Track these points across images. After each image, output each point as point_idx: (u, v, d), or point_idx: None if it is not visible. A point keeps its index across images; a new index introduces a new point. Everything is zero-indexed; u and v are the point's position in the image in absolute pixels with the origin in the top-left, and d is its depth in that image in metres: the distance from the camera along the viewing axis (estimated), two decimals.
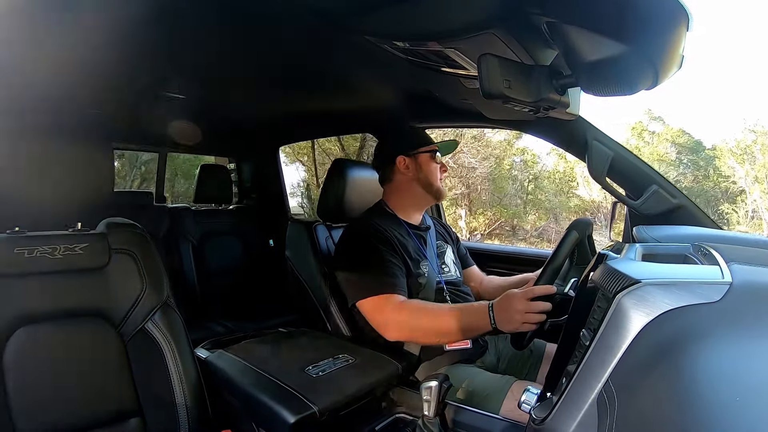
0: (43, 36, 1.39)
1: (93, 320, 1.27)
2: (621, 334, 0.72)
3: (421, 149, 1.86)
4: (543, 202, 15.09)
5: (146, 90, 2.11)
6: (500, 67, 1.02)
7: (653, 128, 15.06)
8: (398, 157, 1.87)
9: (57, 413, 1.18)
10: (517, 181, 15.07)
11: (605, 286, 0.82)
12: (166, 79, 2.00)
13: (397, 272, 1.64)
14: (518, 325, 1.35)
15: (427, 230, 1.94)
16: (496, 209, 14.21)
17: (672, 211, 1.64)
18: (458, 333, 1.48)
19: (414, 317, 1.53)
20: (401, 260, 1.70)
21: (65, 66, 1.62)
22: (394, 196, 1.92)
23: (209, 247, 3.33)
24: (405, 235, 1.81)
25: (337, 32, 1.36)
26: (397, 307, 1.55)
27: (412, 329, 1.54)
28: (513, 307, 1.36)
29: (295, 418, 1.18)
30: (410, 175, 1.87)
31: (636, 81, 0.97)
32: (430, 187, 1.86)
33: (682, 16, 0.86)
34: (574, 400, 0.76)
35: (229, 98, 2.39)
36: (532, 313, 1.33)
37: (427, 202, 1.93)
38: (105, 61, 1.62)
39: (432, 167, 1.86)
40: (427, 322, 1.52)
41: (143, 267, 1.34)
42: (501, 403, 1.45)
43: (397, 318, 1.54)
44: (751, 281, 0.77)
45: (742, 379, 0.62)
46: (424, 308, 1.55)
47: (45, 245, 1.23)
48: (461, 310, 1.49)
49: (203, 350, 1.57)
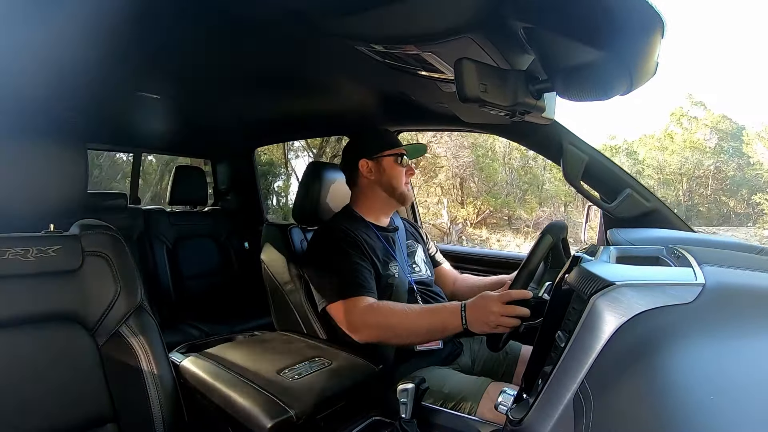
0: (15, 35, 1.37)
1: (66, 324, 1.24)
2: (596, 335, 0.73)
3: (384, 153, 1.85)
4: (547, 188, 14.67)
5: (121, 90, 2.09)
6: (477, 72, 1.03)
7: (694, 113, 14.53)
8: (361, 160, 1.87)
9: (31, 419, 1.15)
10: (512, 168, 14.67)
11: (580, 288, 0.84)
12: (141, 79, 1.97)
13: (365, 275, 1.64)
14: (491, 328, 1.36)
15: (395, 231, 1.94)
16: (484, 199, 13.94)
17: (646, 215, 1.67)
18: (428, 333, 1.49)
19: (383, 318, 1.53)
20: (370, 263, 1.70)
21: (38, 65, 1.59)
22: (359, 200, 1.92)
23: (184, 249, 3.29)
24: (373, 238, 1.81)
25: (314, 34, 1.36)
26: (366, 309, 1.55)
27: (381, 330, 1.54)
28: (487, 309, 1.36)
29: (271, 423, 1.17)
30: (373, 179, 1.87)
31: (611, 86, 0.98)
32: (393, 191, 1.85)
33: (657, 23, 0.88)
34: (551, 401, 0.77)
35: (204, 99, 2.37)
36: (507, 317, 1.34)
37: (391, 206, 1.92)
38: (79, 61, 1.60)
39: (396, 171, 1.85)
40: (396, 323, 1.52)
41: (117, 270, 1.32)
42: (477, 404, 1.46)
43: (367, 320, 1.55)
44: (723, 282, 0.79)
45: (715, 378, 0.63)
46: (393, 309, 1.55)
47: (17, 247, 1.20)
48: (431, 311, 1.50)
49: (178, 354, 1.55)
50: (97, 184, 11.05)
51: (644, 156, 14.86)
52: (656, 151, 14.58)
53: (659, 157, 14.40)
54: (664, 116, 14.74)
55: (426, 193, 13.76)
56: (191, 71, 1.88)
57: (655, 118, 25.23)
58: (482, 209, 13.86)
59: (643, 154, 14.91)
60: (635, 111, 22.15)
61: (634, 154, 15.15)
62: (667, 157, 14.23)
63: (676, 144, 14.24)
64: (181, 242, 3.30)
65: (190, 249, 3.32)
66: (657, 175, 14.30)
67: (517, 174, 14.41)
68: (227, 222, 3.59)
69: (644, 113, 8.72)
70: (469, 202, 14.00)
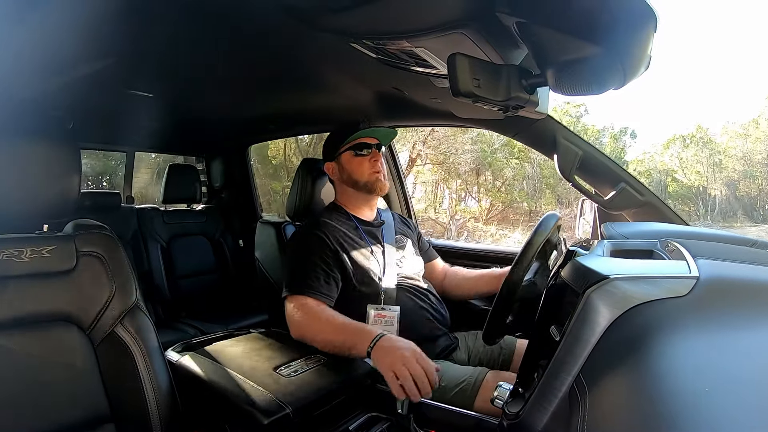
0: (7, 35, 1.36)
1: (62, 325, 1.24)
2: (591, 328, 0.73)
3: (341, 149, 1.87)
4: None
5: (113, 89, 2.07)
6: (470, 67, 1.03)
7: None
8: (325, 164, 1.92)
9: (28, 420, 1.15)
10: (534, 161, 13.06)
11: (574, 282, 0.84)
12: (133, 78, 1.96)
13: (318, 276, 1.65)
14: (389, 368, 1.30)
15: (381, 226, 1.93)
16: (493, 194, 13.20)
17: (639, 208, 1.67)
18: (338, 348, 1.47)
19: (306, 322, 1.56)
20: (339, 264, 1.71)
21: (29, 65, 1.58)
22: (339, 195, 1.96)
23: (178, 248, 3.30)
24: (352, 231, 1.82)
25: (307, 30, 1.35)
26: (299, 307, 1.59)
27: (303, 332, 1.57)
28: (400, 352, 1.32)
29: (268, 420, 1.17)
30: (337, 178, 1.91)
31: (604, 81, 0.98)
32: (356, 184, 1.86)
33: (650, 18, 0.88)
34: (546, 394, 0.78)
35: (197, 97, 2.36)
36: (414, 366, 1.28)
37: (364, 199, 1.92)
38: (70, 60, 1.59)
39: (353, 164, 1.86)
40: (315, 329, 1.54)
41: (111, 270, 1.32)
42: (474, 397, 1.46)
43: (295, 318, 1.59)
44: (717, 275, 0.80)
45: (709, 370, 0.63)
46: (318, 316, 1.56)
47: (11, 248, 1.19)
48: (349, 330, 1.49)
49: (174, 353, 1.54)
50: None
51: (725, 145, 12.81)
52: (740, 139, 12.56)
53: (746, 145, 12.40)
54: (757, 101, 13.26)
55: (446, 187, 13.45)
56: (183, 69, 1.87)
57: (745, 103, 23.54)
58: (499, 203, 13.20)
59: (725, 142, 12.86)
60: (720, 96, 21.14)
61: (711, 143, 12.92)
62: (752, 146, 12.27)
63: (760, 131, 12.28)
64: (176, 241, 3.30)
65: (184, 247, 3.33)
66: (742, 167, 12.37)
67: (539, 168, 13.15)
68: (221, 220, 3.58)
69: (732, 98, 8.44)
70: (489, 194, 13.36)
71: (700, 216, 11.66)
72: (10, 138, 1.20)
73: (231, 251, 3.52)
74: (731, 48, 21.89)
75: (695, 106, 21.79)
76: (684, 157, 12.61)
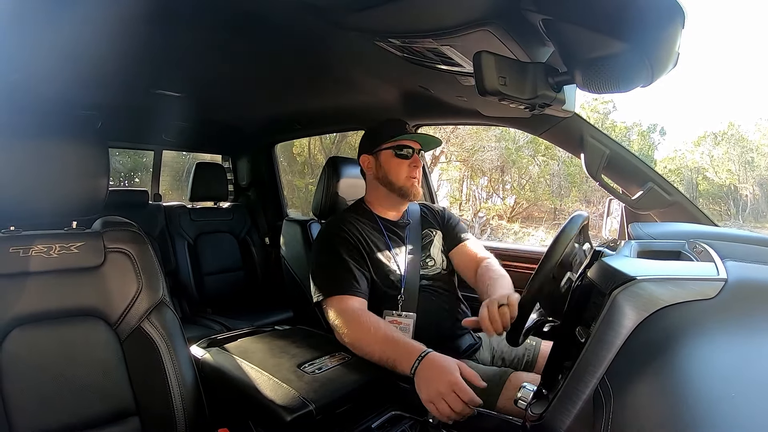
0: (39, 35, 1.39)
1: (89, 320, 1.26)
2: (616, 330, 0.72)
3: (382, 146, 1.81)
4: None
5: (142, 89, 2.11)
6: (496, 65, 1.02)
7: None
8: (362, 156, 1.86)
9: (54, 413, 1.17)
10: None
11: (601, 283, 0.83)
12: (162, 78, 1.99)
13: (353, 273, 1.62)
14: (429, 401, 1.27)
15: (406, 226, 1.89)
16: (517, 191, 12.96)
17: (667, 208, 1.65)
18: (379, 361, 1.43)
19: (348, 329, 1.50)
20: (364, 262, 1.68)
21: (60, 64, 1.61)
22: (368, 194, 1.91)
23: (205, 245, 3.33)
24: (375, 232, 1.79)
25: (333, 29, 1.36)
26: (339, 312, 1.53)
27: (346, 338, 1.50)
28: (443, 376, 1.28)
29: (291, 417, 1.18)
30: (371, 174, 1.85)
31: (632, 78, 0.97)
32: (392, 186, 1.80)
33: (678, 13, 0.86)
34: (570, 396, 0.77)
35: (225, 97, 2.39)
36: (455, 401, 1.24)
37: (393, 201, 1.86)
38: (101, 60, 1.62)
39: (392, 164, 1.79)
40: (357, 338, 1.48)
41: (139, 266, 1.34)
42: (498, 396, 1.45)
43: (336, 323, 1.53)
44: (746, 278, 0.78)
45: (736, 375, 0.62)
46: (360, 324, 1.50)
47: (40, 244, 1.22)
48: (393, 343, 1.42)
49: (199, 348, 1.56)
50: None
51: (758, 143, 12.25)
52: None
53: None
54: None
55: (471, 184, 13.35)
56: (212, 70, 1.90)
57: None
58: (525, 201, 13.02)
59: (757, 140, 12.26)
60: (752, 92, 20.03)
61: (742, 140, 12.38)
62: None
63: None
64: (202, 238, 3.33)
65: (210, 244, 3.36)
66: None
67: (565, 165, 12.96)
68: (247, 217, 3.61)
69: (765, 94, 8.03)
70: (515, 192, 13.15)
71: (731, 216, 11.38)
72: (40, 136, 1.22)
73: (257, 249, 3.54)
74: (764, 43, 21.24)
75: (727, 102, 21.00)
76: (715, 155, 12.34)
